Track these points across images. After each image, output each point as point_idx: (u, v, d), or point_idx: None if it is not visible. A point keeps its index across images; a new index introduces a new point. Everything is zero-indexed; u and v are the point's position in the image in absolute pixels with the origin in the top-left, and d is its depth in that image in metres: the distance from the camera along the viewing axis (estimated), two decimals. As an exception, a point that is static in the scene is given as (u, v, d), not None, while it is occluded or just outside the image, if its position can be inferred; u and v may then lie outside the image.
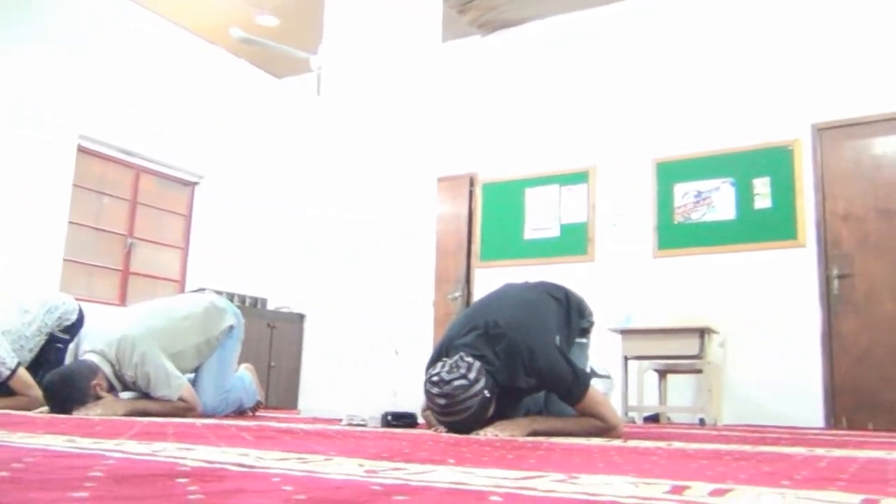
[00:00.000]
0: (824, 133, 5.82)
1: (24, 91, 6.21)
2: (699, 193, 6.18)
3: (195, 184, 7.78)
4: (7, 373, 3.52)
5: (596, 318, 3.19)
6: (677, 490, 0.97)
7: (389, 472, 1.11)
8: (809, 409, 5.47)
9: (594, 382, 2.71)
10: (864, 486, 1.13)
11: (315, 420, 3.55)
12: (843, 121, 5.76)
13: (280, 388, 7.19)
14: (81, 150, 6.68)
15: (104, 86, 6.80)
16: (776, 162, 5.92)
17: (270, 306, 7.72)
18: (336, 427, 2.91)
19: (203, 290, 4.15)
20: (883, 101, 5.62)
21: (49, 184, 6.34)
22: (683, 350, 5.14)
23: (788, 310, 5.67)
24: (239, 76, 8.18)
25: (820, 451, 2.10)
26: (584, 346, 3.12)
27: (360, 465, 1.21)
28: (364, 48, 4.05)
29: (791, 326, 5.64)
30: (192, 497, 0.80)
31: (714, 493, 0.94)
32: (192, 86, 7.62)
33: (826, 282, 5.61)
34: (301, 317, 7.45)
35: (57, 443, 1.49)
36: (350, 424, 3.14)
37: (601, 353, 5.31)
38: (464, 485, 0.98)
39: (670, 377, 5.81)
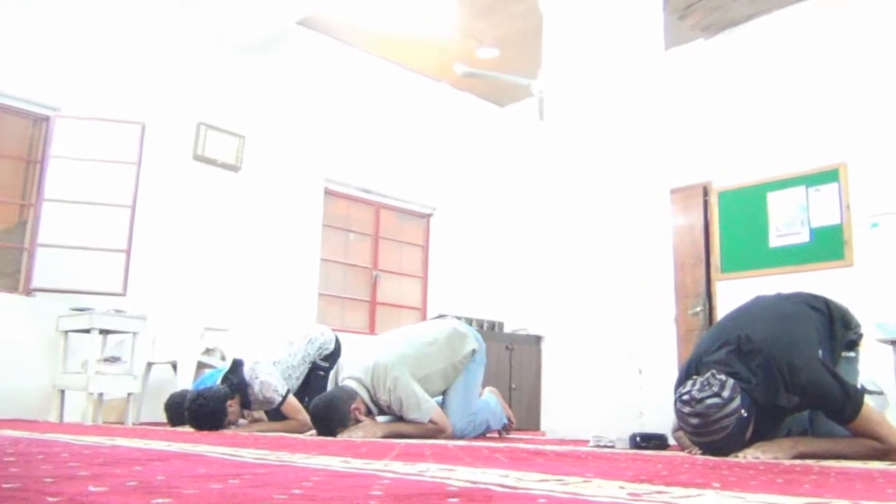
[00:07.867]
0: None
1: (277, 145, 6.91)
2: (979, 182, 5.43)
3: (430, 215, 8.17)
4: (279, 399, 3.89)
5: (863, 328, 2.90)
6: None
7: (654, 496, 1.08)
8: None
9: (866, 399, 2.45)
10: None
11: (562, 442, 3.54)
12: None
13: (522, 409, 7.27)
14: (328, 193, 7.29)
15: (344, 132, 7.38)
16: None
17: (507, 329, 7.86)
18: (584, 448, 2.89)
19: (444, 316, 4.31)
20: None
21: (302, 225, 6.98)
22: (973, 361, 4.51)
23: None
24: (464, 109, 8.50)
25: None
26: (853, 360, 2.85)
27: (622, 488, 1.19)
28: (585, 66, 4.03)
29: None
30: (467, 516, 0.83)
31: None
32: (421, 123, 8.05)
33: None
34: (538, 338, 7.52)
35: (333, 463, 1.62)
36: (598, 446, 3.10)
37: (870, 367, 4.81)
38: (739, 510, 0.93)
39: (958, 392, 5.11)
